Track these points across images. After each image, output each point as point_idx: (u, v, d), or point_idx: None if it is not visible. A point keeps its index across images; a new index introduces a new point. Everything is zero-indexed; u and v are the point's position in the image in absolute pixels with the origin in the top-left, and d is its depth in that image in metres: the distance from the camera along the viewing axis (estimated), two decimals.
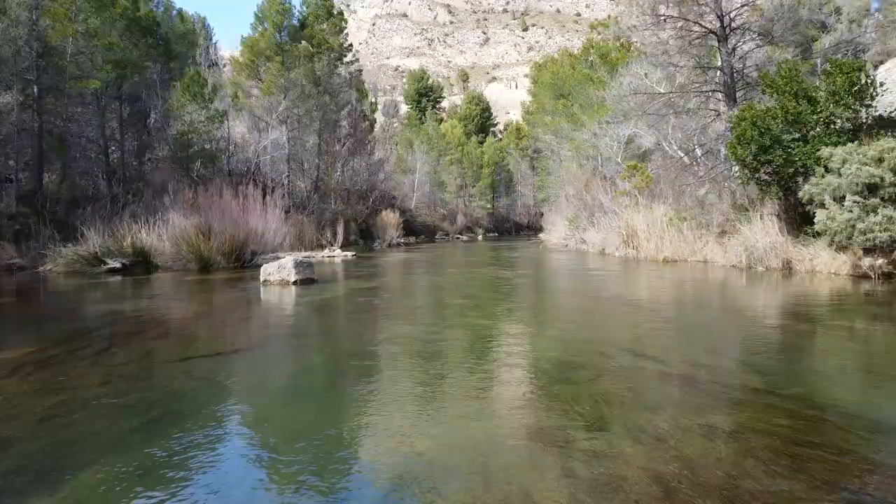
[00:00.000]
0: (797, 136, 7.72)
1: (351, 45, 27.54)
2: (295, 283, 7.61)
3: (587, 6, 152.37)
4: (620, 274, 9.11)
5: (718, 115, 9.93)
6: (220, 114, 20.05)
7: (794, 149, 7.68)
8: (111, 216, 14.32)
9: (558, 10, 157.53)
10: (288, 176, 24.90)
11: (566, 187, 23.85)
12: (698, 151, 11.11)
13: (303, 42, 25.23)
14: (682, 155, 15.69)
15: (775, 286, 7.17)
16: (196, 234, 11.40)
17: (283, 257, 15.59)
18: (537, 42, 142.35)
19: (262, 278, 7.75)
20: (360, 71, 29.01)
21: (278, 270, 7.69)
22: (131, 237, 12.40)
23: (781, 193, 8.27)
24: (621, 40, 24.37)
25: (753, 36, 9.64)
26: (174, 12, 30.36)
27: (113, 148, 18.60)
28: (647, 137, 16.62)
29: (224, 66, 33.95)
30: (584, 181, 19.72)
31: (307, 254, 15.91)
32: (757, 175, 8.42)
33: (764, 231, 8.87)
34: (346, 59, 27.42)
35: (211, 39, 44.38)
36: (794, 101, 7.70)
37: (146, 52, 19.67)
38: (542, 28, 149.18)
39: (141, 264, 11.49)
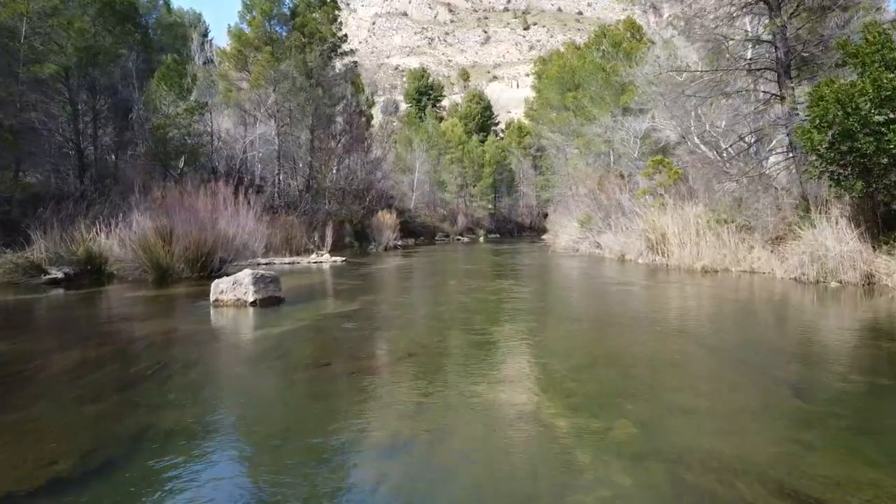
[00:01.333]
0: (891, 116, 6.09)
1: (346, 35, 25.91)
2: (254, 303, 5.97)
3: (589, 4, 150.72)
4: (661, 291, 7.42)
5: (774, 97, 8.29)
6: (200, 105, 18.42)
7: (887, 133, 6.05)
8: (74, 217, 12.69)
9: (560, 9, 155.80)
10: (278, 174, 23.30)
11: (576, 186, 22.22)
12: (748, 139, 9.45)
13: (293, 31, 23.64)
14: (705, 149, 14.06)
15: (883, 311, 5.51)
16: (155, 239, 9.78)
17: (263, 264, 13.98)
18: (538, 41, 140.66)
19: (212, 297, 6.11)
20: (356, 63, 27.39)
21: (233, 287, 6.05)
22: (84, 242, 10.78)
23: (863, 190, 6.63)
24: (630, 32, 22.74)
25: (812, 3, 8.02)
26: (160, 1, 28.83)
27: (87, 143, 17.05)
28: (669, 130, 14.98)
29: (220, 62, 32.40)
30: (596, 179, 18.07)
31: (291, 259, 14.30)
32: (831, 168, 6.79)
33: (836, 237, 7.23)
34: (340, 51, 25.79)
35: (206, 35, 43.03)
36: (885, 72, 6.07)
37: (121, 39, 18.03)
38: (544, 27, 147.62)
39: (90, 274, 9.86)
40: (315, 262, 14.17)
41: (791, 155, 8.30)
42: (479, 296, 6.72)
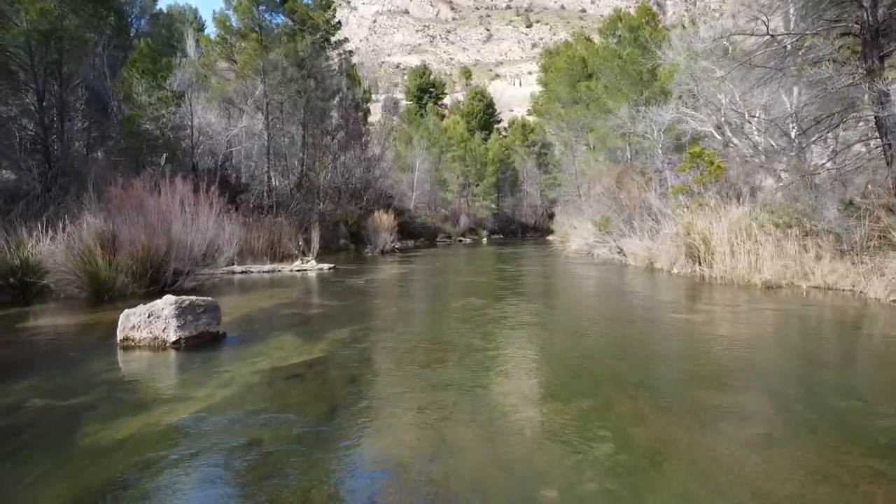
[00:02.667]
0: None
1: (340, 23, 24.19)
2: (176, 344, 4.23)
3: (592, 2, 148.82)
4: (743, 323, 5.34)
5: (861, 69, 6.53)
6: (177, 95, 16.70)
7: None
8: (25, 219, 10.95)
9: (562, 6, 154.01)
10: (267, 171, 21.59)
11: (589, 184, 20.48)
12: (816, 125, 7.66)
13: (283, 17, 21.94)
14: (738, 141, 12.31)
15: None
16: (94, 245, 8.05)
17: (239, 272, 12.23)
18: (541, 38, 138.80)
19: (119, 333, 4.37)
20: (351, 53, 25.65)
21: (148, 321, 4.31)
22: (21, 249, 9.04)
23: None
24: (645, 18, 20.99)
25: None
26: None
27: (55, 137, 15.47)
28: (696, 122, 13.23)
29: (205, 51, 30.67)
30: (614, 176, 16.30)
31: (272, 267, 12.56)
32: None
33: None
34: (334, 40, 24.06)
35: (202, 31, 41.56)
36: None
37: (90, 22, 16.32)
38: (547, 24, 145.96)
39: (14, 289, 8.12)
40: (299, 270, 12.44)
41: (884, 141, 6.55)
42: (494, 333, 4.86)
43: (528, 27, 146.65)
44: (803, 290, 7.37)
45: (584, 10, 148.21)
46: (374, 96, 51.88)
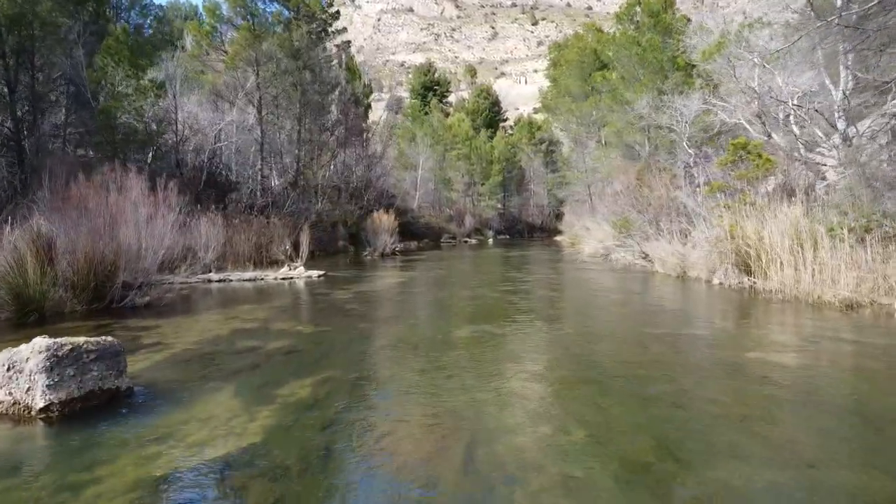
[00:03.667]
0: None
1: (338, 11, 22.83)
2: (47, 411, 2.84)
3: None
4: (854, 369, 3.84)
5: None
6: (157, 85, 15.36)
7: None
8: None
9: (568, 4, 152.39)
10: (260, 170, 20.25)
11: (604, 182, 19.04)
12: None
13: (276, 5, 20.61)
14: (777, 136, 10.86)
15: None
16: (26, 254, 6.69)
17: (216, 281, 10.85)
18: (547, 36, 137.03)
19: None
20: (349, 43, 24.27)
21: (8, 378, 2.92)
22: None
23: None
24: (661, 6, 19.49)
25: None
26: None
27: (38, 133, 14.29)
28: (725, 114, 11.79)
29: (193, 41, 29.13)
30: (634, 173, 14.87)
31: (254, 274, 11.18)
32: None
33: None
34: (332, 30, 22.69)
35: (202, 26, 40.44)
36: None
37: (63, 6, 15.05)
38: (553, 22, 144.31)
39: None
40: (284, 278, 11.06)
41: None
42: (515, 395, 3.19)
43: (533, 25, 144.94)
44: (894, 309, 5.92)
45: (590, 8, 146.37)
46: (377, 94, 50.51)
